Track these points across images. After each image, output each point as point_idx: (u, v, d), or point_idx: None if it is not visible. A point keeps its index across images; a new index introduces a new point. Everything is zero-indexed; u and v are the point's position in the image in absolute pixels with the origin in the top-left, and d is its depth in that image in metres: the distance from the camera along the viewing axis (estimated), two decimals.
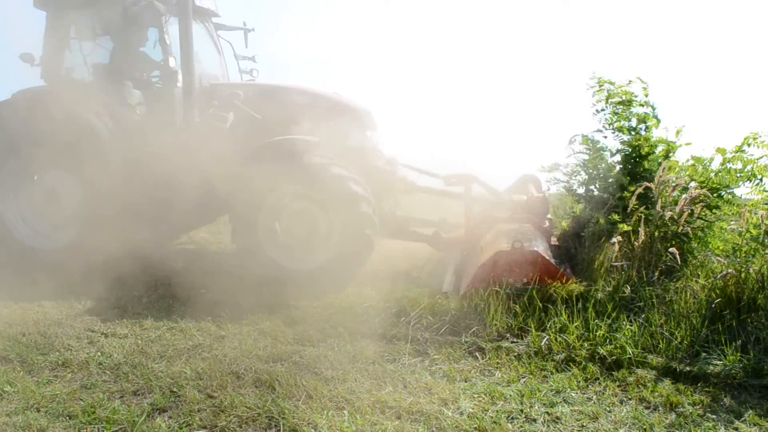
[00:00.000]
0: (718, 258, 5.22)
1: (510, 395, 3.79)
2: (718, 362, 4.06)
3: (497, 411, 3.58)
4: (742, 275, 4.77)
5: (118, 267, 6.22)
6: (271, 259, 6.41)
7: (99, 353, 4.48)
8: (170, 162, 6.46)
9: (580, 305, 4.77)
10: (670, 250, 5.11)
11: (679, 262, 5.10)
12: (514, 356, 4.41)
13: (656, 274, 5.17)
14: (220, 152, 6.55)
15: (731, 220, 5.81)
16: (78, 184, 6.86)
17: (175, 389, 3.85)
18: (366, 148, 7.10)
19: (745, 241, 5.37)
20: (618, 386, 3.93)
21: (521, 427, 3.42)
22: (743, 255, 5.25)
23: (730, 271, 4.66)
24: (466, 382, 4.04)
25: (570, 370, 4.15)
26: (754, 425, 3.41)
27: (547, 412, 3.57)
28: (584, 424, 3.45)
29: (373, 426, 3.41)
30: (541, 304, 4.87)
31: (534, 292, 4.97)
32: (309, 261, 6.42)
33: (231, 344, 4.63)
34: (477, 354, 4.49)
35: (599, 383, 3.97)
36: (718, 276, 4.70)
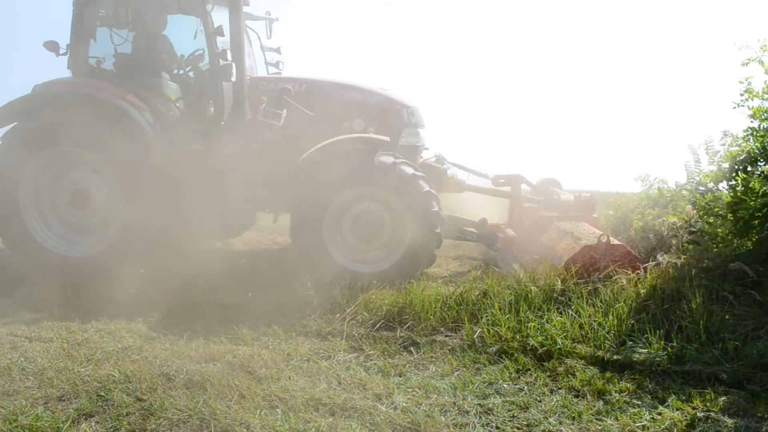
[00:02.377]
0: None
1: (444, 388, 3.83)
2: (643, 350, 4.19)
3: (431, 404, 3.61)
4: (667, 267, 4.94)
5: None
6: (336, 261, 6.19)
7: (22, 358, 4.30)
8: (219, 161, 6.22)
9: (512, 298, 4.85)
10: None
11: None
12: (449, 350, 4.46)
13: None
14: (276, 150, 6.37)
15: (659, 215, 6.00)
16: (112, 185, 6.40)
17: (102, 393, 3.73)
18: (417, 146, 7.00)
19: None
20: (548, 376, 4.01)
21: (454, 419, 3.46)
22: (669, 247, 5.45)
23: (652, 264, 4.83)
24: (400, 376, 4.06)
25: (502, 362, 4.22)
26: (677, 410, 3.53)
27: (479, 404, 3.62)
28: (515, 415, 3.51)
29: (307, 424, 3.39)
30: (474, 297, 4.94)
31: (467, 286, 5.02)
32: (378, 262, 6.26)
33: (162, 345, 4.52)
34: (412, 348, 4.52)
35: (530, 374, 4.05)
36: (642, 267, 4.86)
